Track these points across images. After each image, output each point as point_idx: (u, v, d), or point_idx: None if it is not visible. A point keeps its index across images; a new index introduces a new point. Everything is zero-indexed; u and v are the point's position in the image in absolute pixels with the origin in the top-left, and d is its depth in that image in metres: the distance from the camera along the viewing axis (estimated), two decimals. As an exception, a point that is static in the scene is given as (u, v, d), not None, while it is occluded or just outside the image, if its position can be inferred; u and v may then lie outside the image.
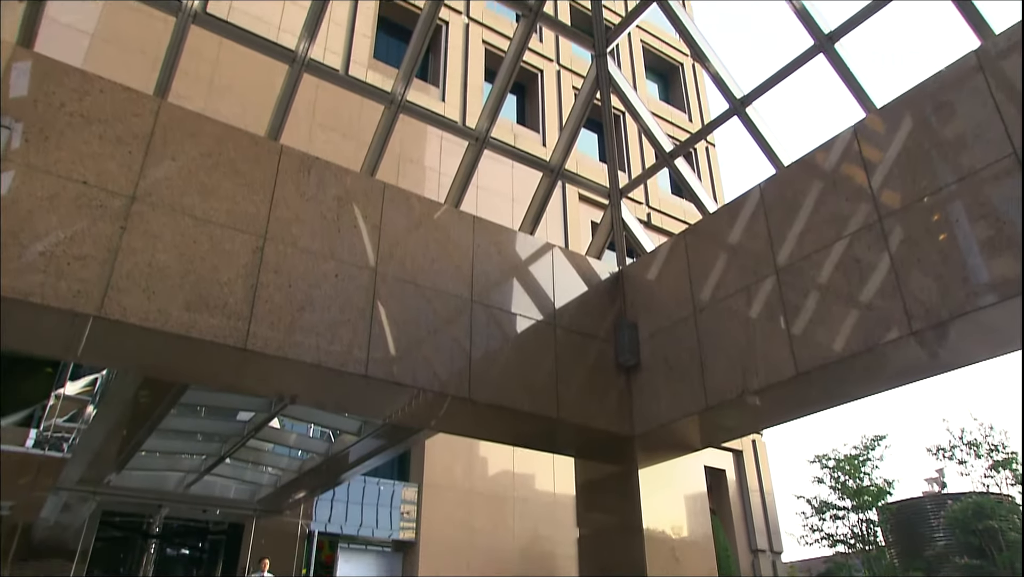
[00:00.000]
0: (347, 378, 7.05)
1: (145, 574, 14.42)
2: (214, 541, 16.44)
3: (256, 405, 10.48)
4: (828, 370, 6.74)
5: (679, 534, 8.86)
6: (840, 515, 22.70)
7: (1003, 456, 19.99)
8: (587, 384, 8.61)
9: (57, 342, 6.21)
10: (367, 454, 11.56)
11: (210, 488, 13.64)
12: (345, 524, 15.33)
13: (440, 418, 8.33)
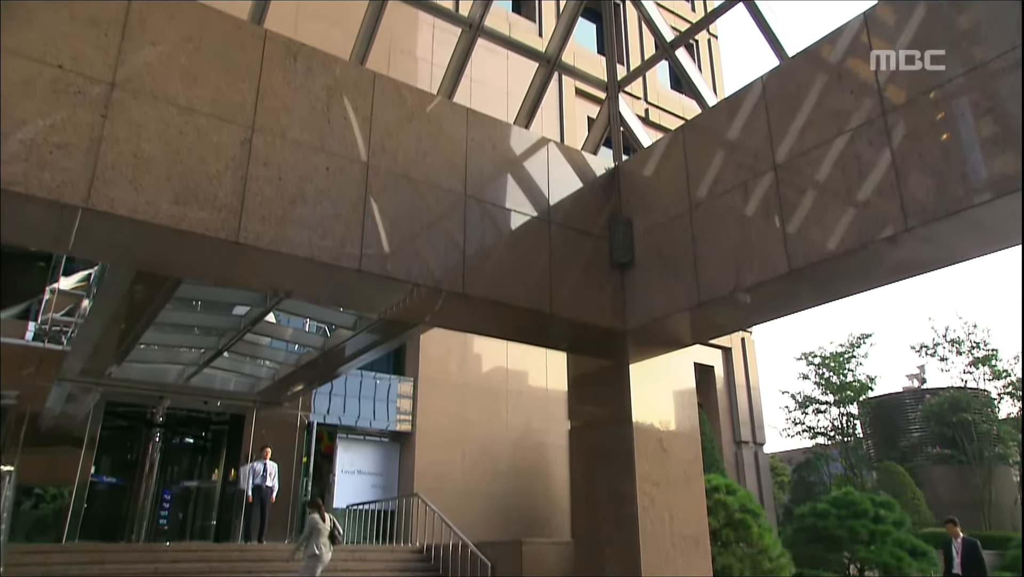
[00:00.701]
0: (341, 273, 7.05)
1: (152, 461, 14.98)
2: (217, 431, 17.00)
3: (251, 299, 10.55)
4: (820, 267, 6.77)
5: (667, 426, 9.18)
6: (822, 409, 23.55)
7: (984, 353, 20.51)
8: (581, 280, 8.66)
9: (47, 234, 6.15)
10: (362, 348, 11.76)
11: (210, 380, 13.95)
12: (343, 416, 15.82)
13: (435, 313, 8.41)
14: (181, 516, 16.97)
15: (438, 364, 16.96)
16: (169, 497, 16.79)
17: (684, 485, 9.02)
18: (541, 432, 17.77)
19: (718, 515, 10.25)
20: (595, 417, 9.43)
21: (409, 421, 16.38)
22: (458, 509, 13.99)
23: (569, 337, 9.33)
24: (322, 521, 9.93)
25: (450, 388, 16.97)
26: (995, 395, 20.85)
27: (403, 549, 12.73)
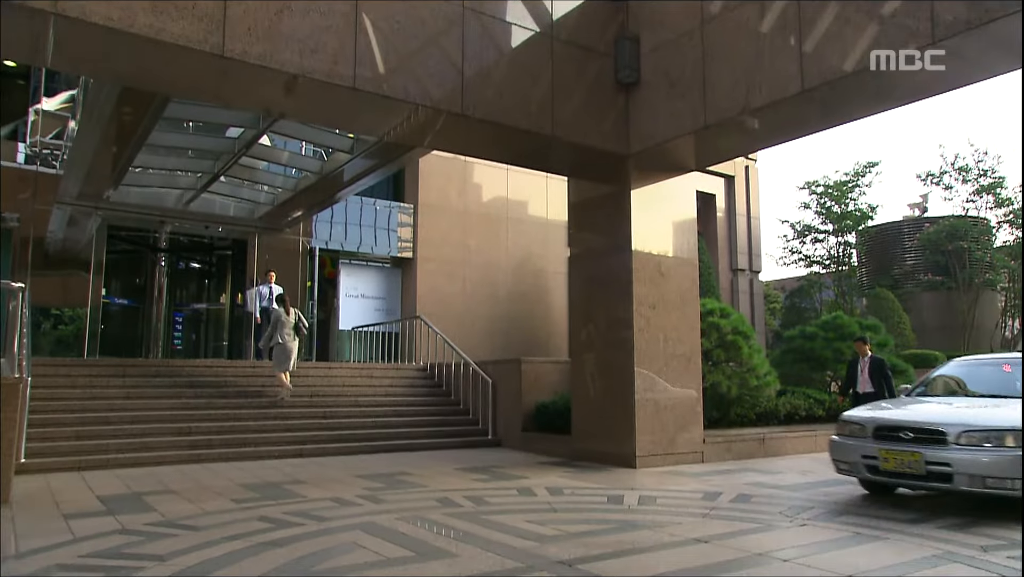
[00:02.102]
0: (335, 91, 6.77)
1: (160, 285, 15.34)
2: (221, 256, 17.26)
3: (244, 121, 10.24)
4: (836, 87, 6.49)
5: (666, 252, 9.29)
6: (820, 238, 23.72)
7: (989, 180, 20.27)
8: (584, 101, 8.36)
9: (22, 43, 5.81)
10: (361, 173, 11.61)
11: (210, 205, 13.93)
12: (345, 242, 15.98)
13: (434, 135, 8.20)
14: (194, 337, 17.71)
15: (438, 192, 16.86)
16: (181, 319, 17.42)
17: (680, 308, 9.30)
18: (541, 259, 18.04)
19: (711, 337, 10.64)
20: (595, 243, 9.52)
21: (410, 248, 16.57)
22: (459, 331, 14.54)
23: (571, 161, 9.18)
24: (286, 315, 10.90)
25: (451, 215, 16.99)
26: (994, 223, 20.92)
27: (408, 368, 13.39)
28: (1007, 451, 5.29)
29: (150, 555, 4.26)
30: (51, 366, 10.00)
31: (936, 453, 5.56)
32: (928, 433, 5.72)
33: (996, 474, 5.29)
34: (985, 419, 5.73)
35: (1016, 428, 5.29)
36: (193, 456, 8.75)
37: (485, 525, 5.19)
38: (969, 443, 5.47)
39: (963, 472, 5.41)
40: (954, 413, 6.16)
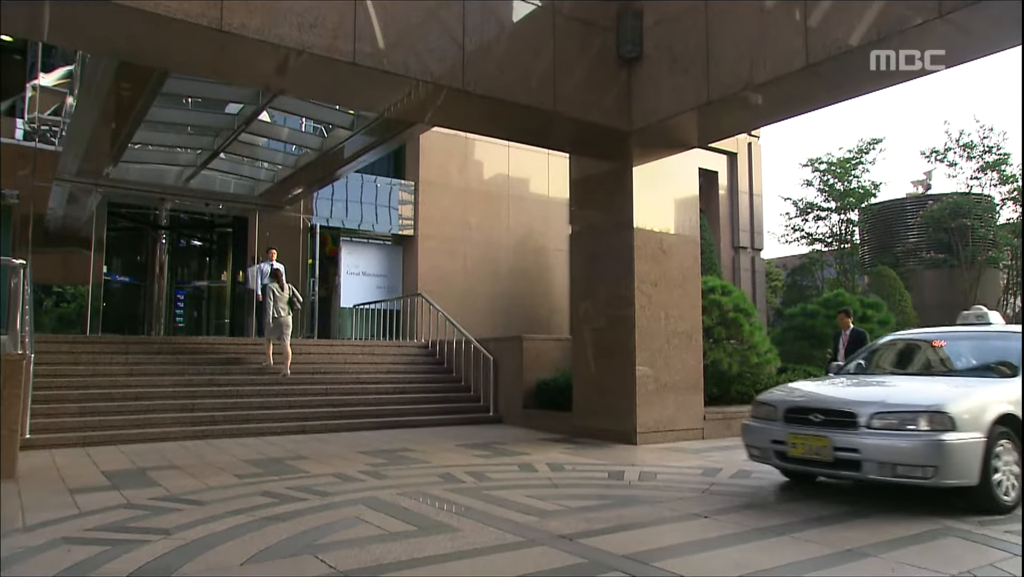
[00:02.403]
0: (335, 66, 6.72)
1: (161, 263, 15.33)
2: (221, 234, 17.23)
3: (244, 97, 10.16)
4: (840, 61, 6.43)
5: (667, 229, 9.25)
6: (823, 216, 23.59)
7: (995, 157, 20.07)
8: (586, 77, 8.28)
9: (19, 18, 5.75)
10: (361, 149, 11.54)
11: (210, 183, 13.88)
12: (346, 219, 15.94)
13: (435, 111, 8.13)
14: (196, 314, 17.74)
15: (439, 169, 16.78)
16: (183, 297, 17.44)
17: (681, 285, 9.29)
18: (542, 236, 18.01)
19: (712, 314, 10.63)
20: (596, 221, 9.48)
21: (411, 225, 16.54)
22: (460, 309, 14.55)
23: (572, 138, 9.11)
24: (280, 290, 11.11)
25: (452, 193, 16.93)
26: (998, 201, 20.77)
27: (410, 345, 13.42)
28: (921, 434, 4.72)
29: (155, 529, 4.31)
30: (54, 343, 10.03)
31: (845, 438, 4.94)
32: (838, 415, 5.12)
33: (907, 460, 4.72)
34: (900, 399, 5.22)
35: (930, 408, 4.77)
36: (196, 432, 8.80)
37: (487, 500, 5.23)
38: (881, 426, 4.87)
39: (872, 459, 4.82)
40: (868, 393, 5.63)
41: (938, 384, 5.57)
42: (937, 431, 4.68)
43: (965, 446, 4.65)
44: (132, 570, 3.49)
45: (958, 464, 4.65)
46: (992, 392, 5.09)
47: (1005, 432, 4.87)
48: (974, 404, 4.88)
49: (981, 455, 4.67)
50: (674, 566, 3.61)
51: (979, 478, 4.67)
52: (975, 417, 4.76)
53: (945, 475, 4.63)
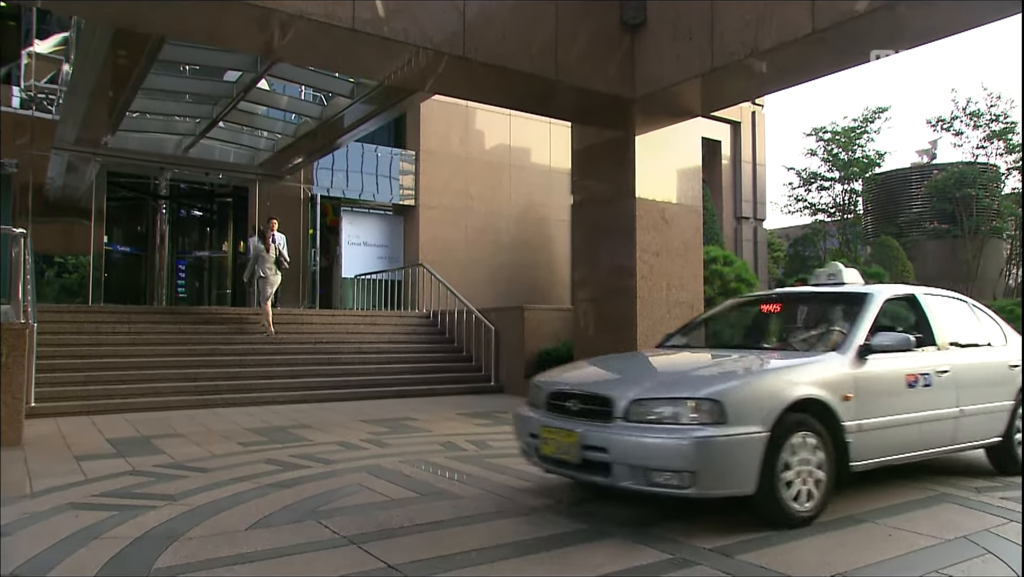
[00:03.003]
0: (333, 32, 6.62)
1: (162, 233, 15.30)
2: (222, 204, 17.17)
3: (242, 64, 10.04)
4: (846, 27, 6.32)
5: (669, 199, 9.20)
6: (826, 186, 23.40)
7: (1002, 126, 19.82)
8: (589, 43, 8.16)
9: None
10: (361, 118, 11.43)
11: (209, 152, 13.78)
12: (346, 189, 15.86)
13: (435, 79, 8.04)
14: (197, 285, 17.76)
15: (440, 138, 16.64)
16: (184, 267, 17.44)
17: (683, 256, 9.26)
18: (544, 207, 17.93)
19: (714, 284, 10.64)
20: (598, 190, 9.42)
21: (412, 195, 16.46)
22: (462, 279, 14.54)
23: (574, 106, 9.02)
24: (266, 251, 11.28)
25: (453, 162, 16.82)
26: (1004, 170, 20.57)
27: (411, 315, 13.45)
28: (679, 429, 3.60)
29: (161, 495, 4.36)
30: (57, 312, 10.06)
31: (596, 432, 3.79)
32: (594, 402, 3.96)
33: (660, 464, 3.57)
34: (666, 382, 4.17)
35: (695, 396, 3.68)
36: (200, 401, 8.87)
37: (488, 468, 5.29)
38: (639, 418, 3.72)
39: (622, 461, 3.67)
40: (639, 374, 4.54)
41: (728, 361, 4.48)
42: (699, 425, 3.58)
43: (735, 444, 3.55)
44: (139, 534, 3.54)
45: (724, 468, 3.57)
46: (793, 372, 4.03)
47: (804, 423, 3.81)
48: (757, 389, 3.82)
49: (760, 455, 3.58)
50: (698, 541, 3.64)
51: (757, 485, 3.58)
52: (757, 406, 3.68)
53: (708, 483, 3.53)
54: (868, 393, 4.16)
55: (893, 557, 3.29)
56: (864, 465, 4.12)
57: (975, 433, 4.86)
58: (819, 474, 3.85)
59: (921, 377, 4.48)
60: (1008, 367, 5.16)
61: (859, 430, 4.04)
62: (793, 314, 5.55)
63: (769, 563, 3.19)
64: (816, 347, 4.63)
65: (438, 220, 16.55)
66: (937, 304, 5.12)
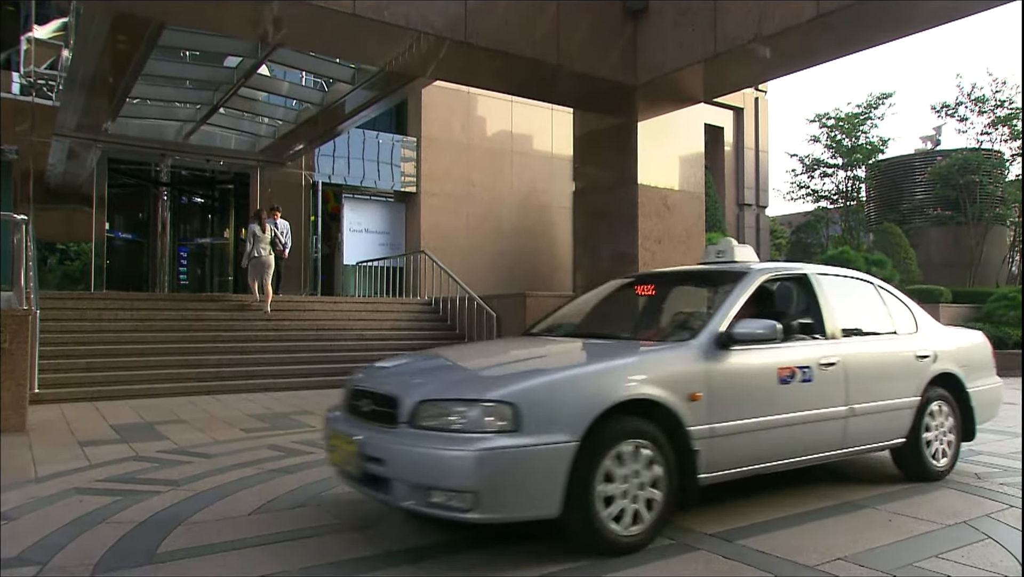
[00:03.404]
0: (334, 17, 6.59)
1: (163, 220, 15.31)
2: (223, 191, 17.15)
3: (242, 49, 9.99)
4: (851, 11, 6.28)
5: (672, 186, 9.19)
6: (829, 173, 23.32)
7: (1007, 112, 19.70)
8: (591, 29, 8.13)
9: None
10: (363, 104, 11.39)
11: (210, 138, 13.75)
12: (348, 176, 15.83)
13: (437, 64, 8.01)
14: (199, 272, 17.78)
15: (441, 125, 16.58)
16: (185, 254, 17.45)
17: (685, 242, 9.26)
18: (545, 194, 17.89)
19: (715, 271, 10.63)
20: (600, 177, 9.40)
21: (414, 182, 16.42)
22: (464, 266, 14.54)
23: (576, 92, 8.99)
24: (262, 232, 11.45)
25: (454, 149, 16.77)
26: (1008, 156, 20.46)
27: (413, 302, 13.46)
28: (464, 438, 2.89)
29: (165, 480, 4.38)
30: (59, 299, 10.07)
31: (376, 440, 3.15)
32: (384, 403, 3.27)
33: (439, 482, 2.89)
34: (461, 379, 3.47)
35: (484, 398, 2.98)
36: (202, 388, 8.90)
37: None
38: (427, 424, 3.03)
39: (401, 477, 3.01)
40: (441, 367, 3.80)
41: (552, 352, 3.97)
42: (487, 433, 2.89)
43: (530, 457, 2.87)
44: (143, 519, 3.56)
45: (516, 486, 2.89)
46: (625, 368, 3.36)
47: (633, 429, 3.14)
48: (567, 389, 3.12)
49: (566, 470, 2.91)
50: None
51: (562, 506, 2.91)
52: (565, 410, 3.00)
53: (494, 505, 2.86)
54: (726, 391, 3.50)
55: (893, 542, 3.31)
56: (719, 477, 3.50)
57: (871, 434, 4.21)
58: (652, 492, 3.17)
59: (799, 371, 3.80)
60: (915, 358, 4.48)
61: (712, 436, 3.38)
62: (664, 298, 4.81)
63: (769, 548, 3.20)
64: (671, 336, 3.90)
65: (439, 207, 16.52)
66: (833, 286, 4.45)
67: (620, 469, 3.09)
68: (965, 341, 5.08)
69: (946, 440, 4.58)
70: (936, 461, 4.49)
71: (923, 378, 4.46)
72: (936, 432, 4.51)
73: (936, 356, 4.56)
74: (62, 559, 3.02)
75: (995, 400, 5.09)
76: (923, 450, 4.43)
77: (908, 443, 4.38)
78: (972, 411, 4.75)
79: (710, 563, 3.02)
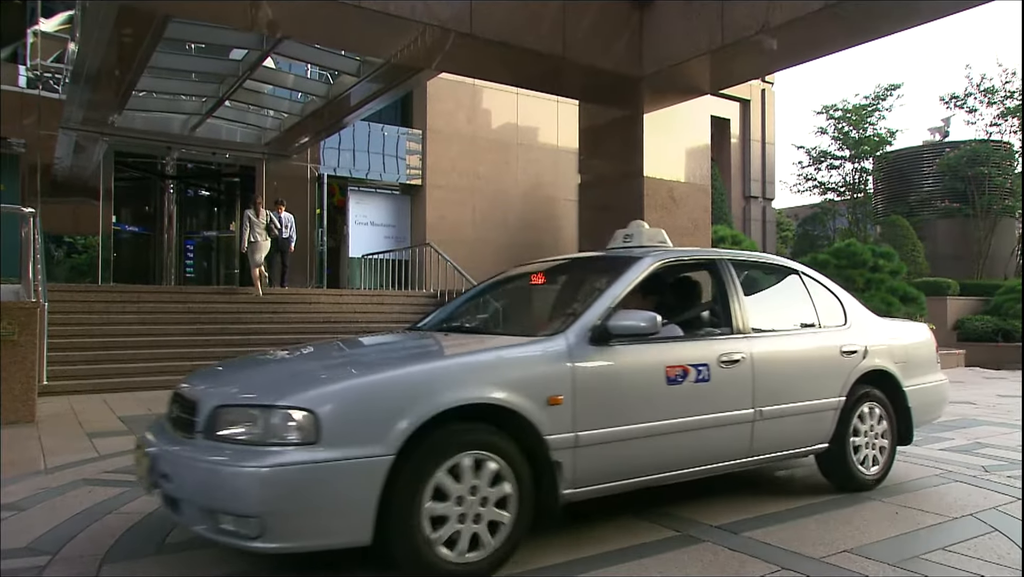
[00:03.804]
0: (339, 9, 6.58)
1: (169, 213, 15.34)
2: (229, 184, 17.17)
3: (248, 42, 9.99)
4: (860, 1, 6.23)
5: (678, 178, 9.16)
6: (836, 165, 23.22)
7: (1017, 103, 19.56)
8: (597, 21, 8.09)
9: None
10: (368, 96, 11.38)
11: (216, 131, 13.77)
12: (353, 169, 15.83)
13: (442, 56, 7.99)
14: (206, 265, 17.82)
15: (447, 117, 16.55)
16: (192, 247, 17.48)
17: (691, 234, 9.24)
18: (551, 187, 17.85)
19: (721, 263, 10.61)
20: (606, 169, 9.38)
21: (419, 175, 16.41)
22: (469, 259, 14.53)
23: (582, 84, 8.95)
24: (256, 217, 11.78)
25: (460, 142, 16.74)
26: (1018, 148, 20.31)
27: (418, 294, 13.47)
28: (251, 452, 2.48)
29: (172, 472, 4.40)
30: (67, 292, 10.12)
31: (168, 452, 2.72)
32: (187, 409, 2.83)
33: (220, 505, 2.48)
34: (269, 380, 2.98)
35: (277, 404, 2.53)
36: (210, 380, 8.93)
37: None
38: (223, 433, 2.59)
39: (188, 497, 2.61)
40: (256, 367, 3.30)
41: (390, 348, 3.57)
42: (280, 446, 2.47)
43: (331, 474, 2.45)
44: (152, 509, 3.58)
45: (313, 511, 2.46)
46: (466, 367, 2.92)
47: (477, 440, 2.72)
48: (383, 393, 2.65)
49: (379, 489, 2.49)
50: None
51: (373, 533, 2.50)
52: (379, 417, 2.56)
53: (285, 533, 2.45)
54: (597, 393, 3.06)
55: (899, 535, 3.30)
56: (589, 492, 3.05)
57: (785, 440, 3.76)
58: (497, 513, 2.73)
59: (693, 370, 3.34)
60: (840, 353, 4.00)
61: (577, 445, 2.94)
62: (552, 288, 4.40)
63: (775, 540, 3.20)
64: (541, 330, 3.32)
65: (445, 199, 16.51)
66: (748, 274, 4.05)
67: (455, 486, 2.65)
68: (904, 335, 4.54)
69: (878, 445, 4.13)
70: (865, 469, 4.04)
71: (849, 376, 3.99)
72: (866, 437, 4.07)
73: (866, 352, 4.10)
74: (71, 549, 3.05)
75: (938, 400, 4.60)
76: (849, 457, 3.97)
77: (832, 449, 3.93)
78: (909, 412, 4.29)
79: (716, 555, 3.02)
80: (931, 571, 2.83)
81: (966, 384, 9.89)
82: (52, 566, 2.86)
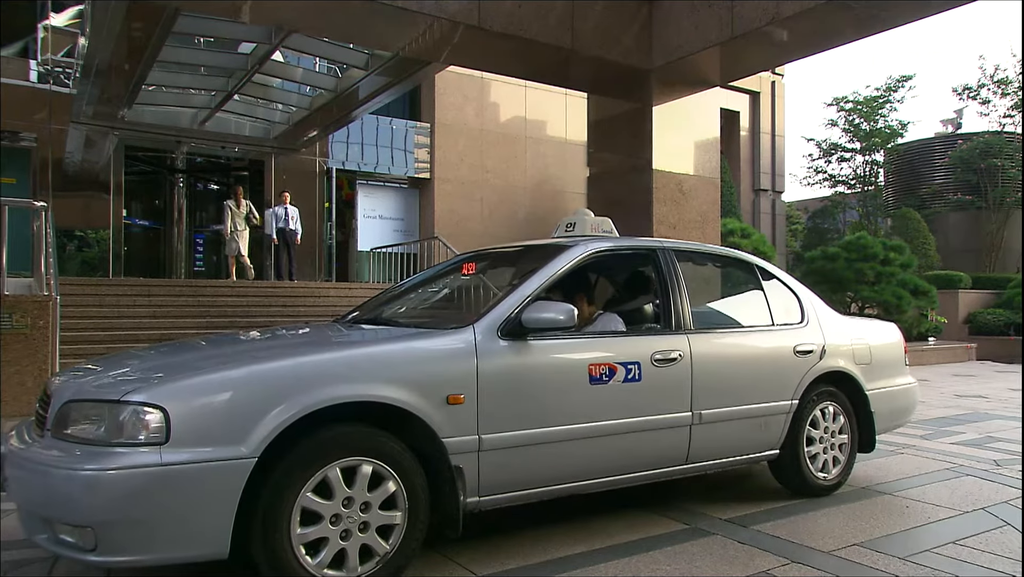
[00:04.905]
0: (347, 3, 6.57)
1: (179, 207, 15.39)
2: (238, 177, 17.21)
3: (256, 35, 9.99)
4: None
5: (687, 171, 9.11)
6: (847, 157, 23.06)
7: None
8: (606, 13, 8.04)
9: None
10: (376, 90, 11.38)
11: (225, 125, 13.79)
12: (361, 163, 15.84)
13: (450, 49, 7.96)
14: (215, 259, 17.89)
15: (455, 110, 16.53)
16: (202, 241, 17.56)
17: (700, 228, 9.19)
18: (560, 180, 17.82)
19: (730, 257, 10.57)
20: (615, 163, 9.33)
21: (427, 168, 16.41)
22: (478, 252, 14.51)
23: (591, 77, 8.91)
24: (237, 208, 12.52)
25: (468, 135, 16.72)
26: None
27: (427, 287, 13.48)
28: (95, 454, 2.23)
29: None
30: (79, 286, 10.19)
31: (14, 454, 2.50)
32: (44, 404, 2.61)
33: (53, 513, 2.27)
34: (127, 373, 2.63)
35: (121, 399, 2.28)
36: (220, 373, 8.97)
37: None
38: (67, 432, 2.37)
39: (26, 504, 2.42)
40: (140, 358, 2.95)
41: (283, 340, 3.28)
42: (121, 447, 2.23)
43: (183, 479, 2.22)
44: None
45: (159, 520, 2.21)
46: (346, 359, 2.68)
47: (360, 443, 2.51)
48: (242, 389, 2.40)
49: (237, 496, 2.28)
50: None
51: (226, 545, 2.29)
52: (240, 415, 2.33)
53: (124, 545, 2.21)
54: (507, 392, 2.82)
55: (909, 529, 3.29)
56: (498, 501, 2.84)
57: (729, 446, 3.51)
58: (389, 517, 2.54)
59: (621, 368, 3.08)
60: (793, 353, 3.75)
61: (481, 449, 2.73)
62: (481, 278, 4.20)
63: (784, 533, 3.20)
64: (449, 323, 3.07)
65: (453, 193, 16.51)
66: (693, 266, 3.77)
67: (335, 493, 2.43)
68: (869, 335, 4.24)
69: (834, 451, 3.91)
70: (823, 474, 3.85)
71: (803, 378, 3.75)
72: (822, 444, 3.86)
73: (824, 352, 3.86)
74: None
75: (905, 404, 4.35)
76: (803, 462, 3.75)
77: (784, 455, 3.72)
78: (871, 417, 4.03)
79: (725, 548, 3.02)
80: (941, 565, 2.82)
81: (977, 378, 9.83)
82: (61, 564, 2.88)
